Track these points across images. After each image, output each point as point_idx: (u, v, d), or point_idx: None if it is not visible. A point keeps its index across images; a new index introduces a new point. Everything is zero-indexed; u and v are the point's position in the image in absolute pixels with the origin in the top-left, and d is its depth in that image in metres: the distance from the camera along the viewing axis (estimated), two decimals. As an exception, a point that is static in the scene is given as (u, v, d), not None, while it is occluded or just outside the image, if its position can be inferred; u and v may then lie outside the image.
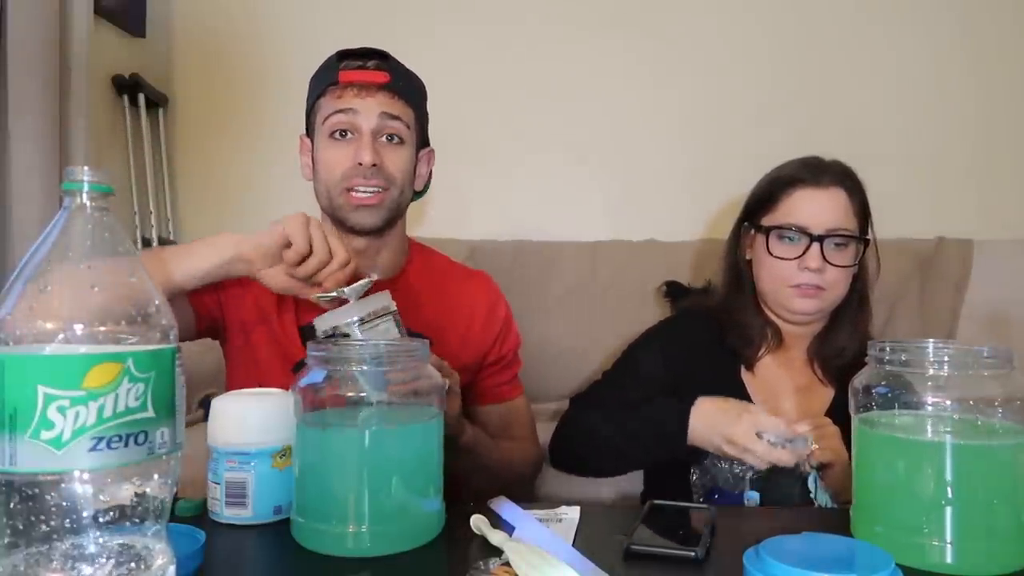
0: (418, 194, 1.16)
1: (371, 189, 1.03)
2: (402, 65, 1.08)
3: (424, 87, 1.13)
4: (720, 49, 1.94)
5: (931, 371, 0.70)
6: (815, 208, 1.13)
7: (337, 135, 1.04)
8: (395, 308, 0.90)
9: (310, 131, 1.10)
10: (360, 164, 1.02)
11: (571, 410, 1.24)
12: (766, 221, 1.17)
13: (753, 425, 0.98)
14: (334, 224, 1.08)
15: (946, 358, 0.70)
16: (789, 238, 1.13)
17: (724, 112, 1.93)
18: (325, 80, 1.06)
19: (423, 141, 1.14)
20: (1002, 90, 1.89)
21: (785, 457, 0.97)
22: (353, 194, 1.03)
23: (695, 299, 1.42)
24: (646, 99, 1.95)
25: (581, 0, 1.95)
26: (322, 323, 0.88)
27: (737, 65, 1.93)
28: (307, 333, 1.05)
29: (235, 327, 1.08)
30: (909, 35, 1.90)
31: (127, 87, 1.91)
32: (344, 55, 1.05)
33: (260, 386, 0.87)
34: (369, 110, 1.03)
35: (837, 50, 1.91)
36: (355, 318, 0.87)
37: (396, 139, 1.05)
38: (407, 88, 1.07)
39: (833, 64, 1.91)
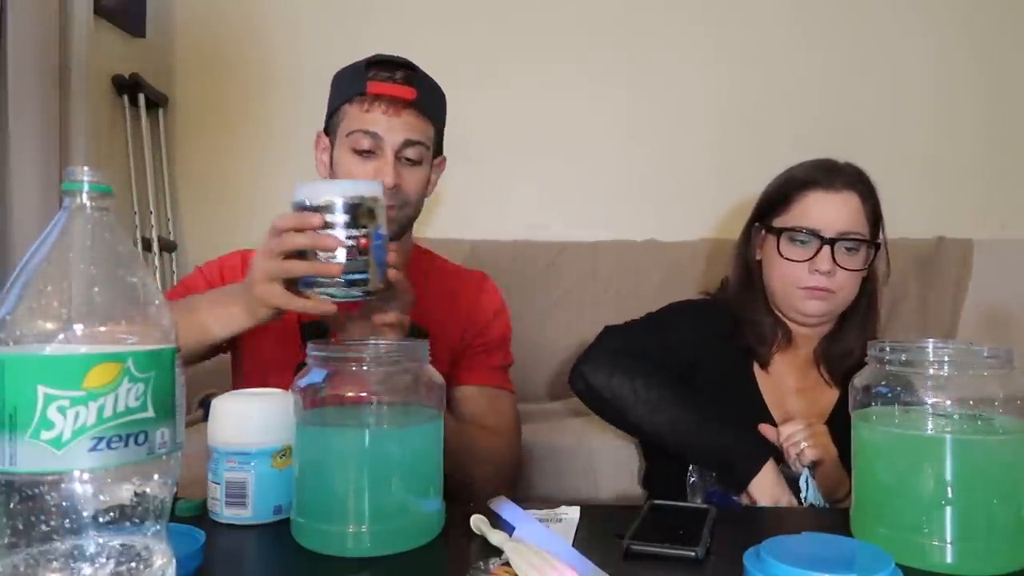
0: None
1: (388, 204, 1.03)
2: (428, 78, 1.10)
3: (445, 97, 1.14)
4: (719, 50, 1.94)
5: (931, 371, 0.70)
6: (827, 211, 1.13)
7: (360, 154, 1.05)
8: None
9: (329, 131, 1.12)
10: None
11: (609, 344, 1.19)
12: (778, 223, 1.17)
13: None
14: None
15: (946, 358, 0.70)
16: (800, 240, 1.14)
17: (724, 113, 1.93)
18: (352, 87, 1.06)
19: (438, 150, 1.15)
20: (1002, 90, 1.89)
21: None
22: None
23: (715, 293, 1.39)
24: (646, 100, 1.95)
25: (581, 1, 1.95)
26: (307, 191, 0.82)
27: (736, 66, 1.93)
28: (308, 330, 1.06)
29: (245, 334, 1.08)
30: (909, 35, 1.90)
31: (127, 87, 1.91)
32: (372, 63, 1.06)
33: (264, 387, 0.86)
34: (394, 133, 1.04)
35: (837, 50, 1.92)
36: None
37: (416, 159, 1.07)
38: (431, 104, 1.08)
39: (833, 65, 1.91)
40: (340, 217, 0.80)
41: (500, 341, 1.22)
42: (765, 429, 1.07)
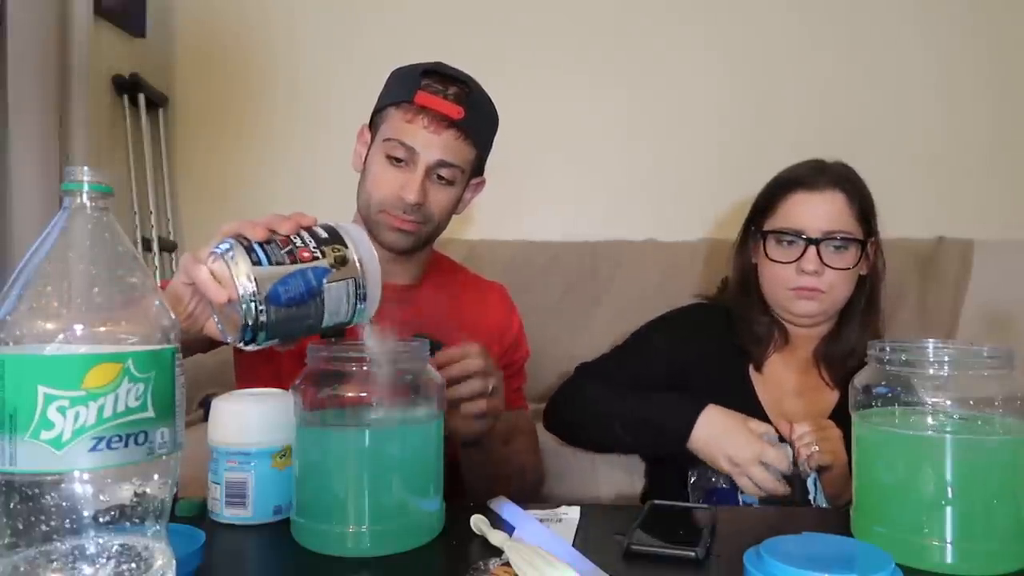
0: None
1: (408, 218, 1.04)
2: (482, 96, 1.07)
3: (497, 120, 1.12)
4: (720, 49, 1.94)
5: (931, 371, 0.70)
6: (811, 211, 1.13)
7: (393, 160, 1.03)
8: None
9: (373, 127, 1.09)
10: (403, 198, 1.02)
11: (576, 377, 1.25)
12: (766, 226, 1.18)
13: (758, 455, 0.99)
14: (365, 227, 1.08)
15: (946, 358, 0.70)
16: (786, 241, 1.14)
17: (724, 112, 1.93)
18: (402, 92, 1.03)
19: (477, 171, 1.13)
20: (1002, 90, 1.89)
21: (780, 490, 0.99)
22: (390, 218, 1.04)
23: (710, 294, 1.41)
24: (646, 99, 1.95)
25: (580, 0, 1.95)
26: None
27: (737, 66, 1.93)
28: (329, 334, 1.05)
29: None
30: (910, 35, 1.90)
31: (127, 87, 1.91)
32: (428, 72, 1.03)
33: (276, 386, 0.86)
34: (430, 151, 1.01)
35: (837, 51, 1.91)
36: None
37: (448, 178, 1.05)
38: (478, 127, 1.06)
39: (833, 65, 1.91)
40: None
41: (523, 362, 1.22)
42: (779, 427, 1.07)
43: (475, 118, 1.04)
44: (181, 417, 0.54)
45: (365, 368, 0.70)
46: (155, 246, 1.94)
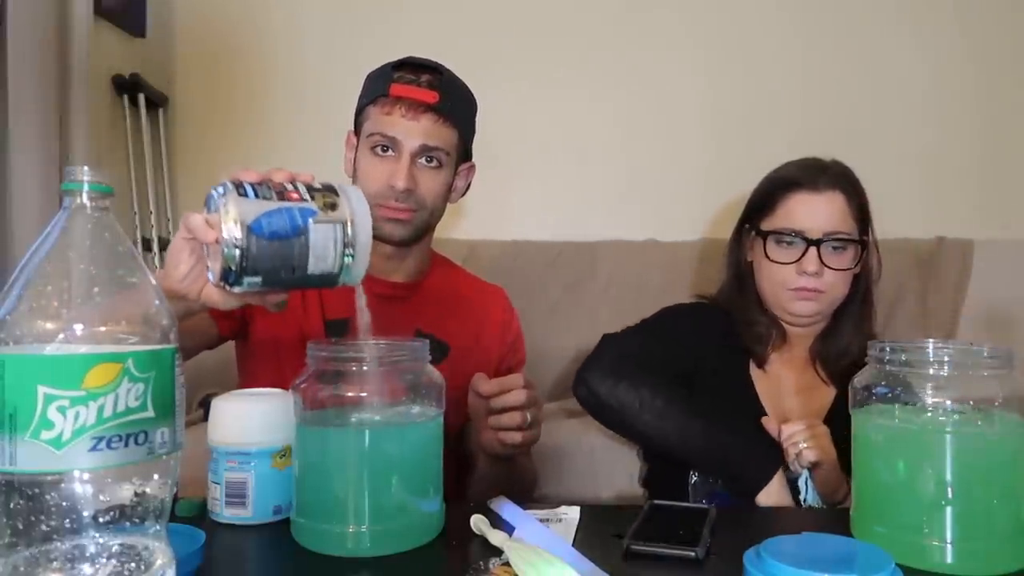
0: None
1: (402, 206, 1.06)
2: (455, 81, 1.10)
3: (474, 102, 1.15)
4: (720, 49, 1.94)
5: (931, 371, 0.70)
6: (812, 212, 1.13)
7: (379, 150, 1.06)
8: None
9: (356, 130, 1.13)
10: (393, 187, 1.04)
11: (611, 351, 1.17)
12: (764, 225, 1.17)
13: None
14: None
15: (946, 358, 0.70)
16: (787, 242, 1.14)
17: (724, 111, 1.93)
18: (377, 88, 1.07)
19: (465, 156, 1.15)
20: (1002, 90, 1.89)
21: None
22: (385, 209, 1.05)
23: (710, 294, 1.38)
24: (646, 99, 1.95)
25: (581, 2, 1.95)
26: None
27: (737, 65, 1.93)
28: (334, 328, 1.07)
29: (259, 325, 1.09)
30: (910, 35, 1.90)
31: (127, 87, 1.91)
32: (399, 66, 1.07)
33: (281, 382, 0.86)
34: (412, 137, 1.04)
35: (838, 50, 1.91)
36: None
37: (435, 162, 1.07)
38: (455, 108, 1.08)
39: (834, 64, 1.91)
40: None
41: (519, 367, 1.23)
42: (767, 422, 1.07)
43: (450, 101, 1.07)
44: (181, 417, 0.54)
45: (365, 368, 0.70)
46: (155, 246, 1.93)
